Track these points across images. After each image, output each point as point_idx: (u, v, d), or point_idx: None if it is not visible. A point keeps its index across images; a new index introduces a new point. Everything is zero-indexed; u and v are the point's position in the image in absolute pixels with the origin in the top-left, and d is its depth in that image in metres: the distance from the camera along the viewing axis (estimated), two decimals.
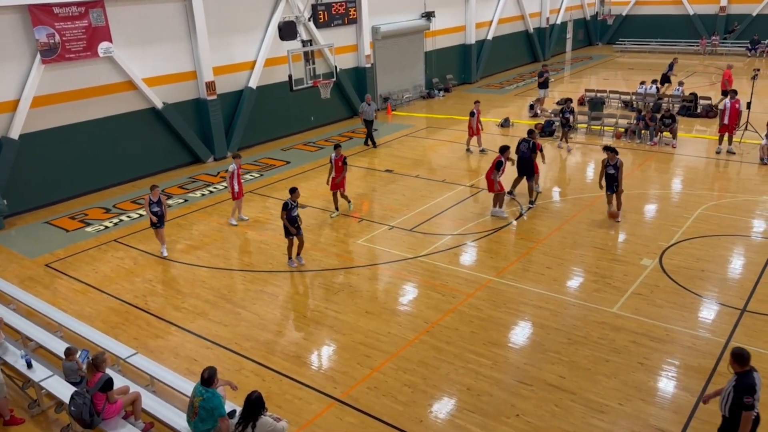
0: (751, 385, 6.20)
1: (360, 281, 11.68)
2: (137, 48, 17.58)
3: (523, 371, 8.77)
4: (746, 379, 6.25)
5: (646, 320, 9.81)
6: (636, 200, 14.87)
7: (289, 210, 11.87)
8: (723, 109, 17.89)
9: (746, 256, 11.87)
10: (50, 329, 9.95)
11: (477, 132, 19.27)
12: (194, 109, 19.48)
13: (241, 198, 14.61)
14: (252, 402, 6.62)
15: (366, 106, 20.44)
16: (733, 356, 6.35)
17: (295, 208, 11.98)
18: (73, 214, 15.95)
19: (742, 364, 6.30)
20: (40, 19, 15.19)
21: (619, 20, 41.50)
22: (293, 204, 11.94)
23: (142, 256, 13.24)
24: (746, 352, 6.32)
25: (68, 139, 16.59)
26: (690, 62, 34.52)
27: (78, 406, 7.20)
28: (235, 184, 14.23)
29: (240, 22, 20.12)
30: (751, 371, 6.30)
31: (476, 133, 19.29)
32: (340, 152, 14.50)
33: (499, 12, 32.49)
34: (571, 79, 31.90)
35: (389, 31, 25.55)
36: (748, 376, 6.26)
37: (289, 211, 11.86)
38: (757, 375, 6.30)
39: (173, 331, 10.29)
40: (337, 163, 14.41)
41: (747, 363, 6.29)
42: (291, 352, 9.57)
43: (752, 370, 6.31)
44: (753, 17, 36.75)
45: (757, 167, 16.88)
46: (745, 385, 6.21)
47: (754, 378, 6.26)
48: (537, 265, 11.83)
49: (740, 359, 6.29)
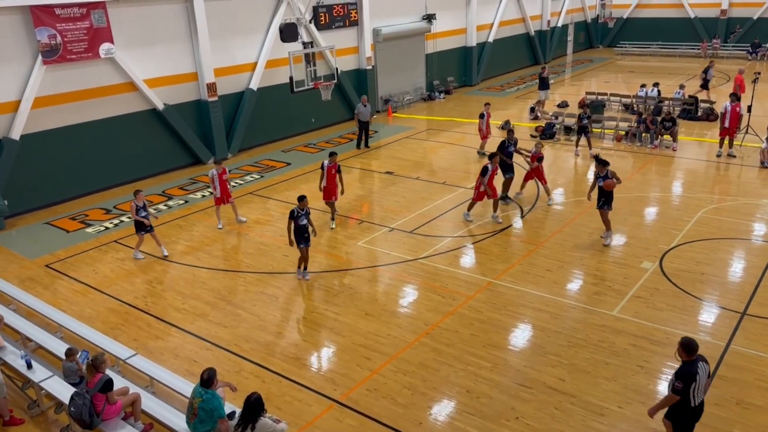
0: (690, 373, 6.42)
1: (360, 283, 11.68)
2: (138, 49, 17.60)
3: (523, 374, 8.76)
4: (689, 367, 6.48)
5: (646, 323, 9.81)
6: (636, 203, 14.87)
7: (297, 218, 11.24)
8: (724, 113, 17.89)
9: (746, 260, 11.86)
10: (50, 330, 9.95)
11: (485, 135, 18.99)
12: (195, 110, 19.49)
13: (220, 204, 14.21)
14: (251, 403, 6.61)
15: (362, 107, 20.44)
16: (682, 345, 6.55)
17: (303, 216, 11.32)
18: (73, 214, 15.96)
19: (689, 354, 6.51)
20: (42, 20, 15.22)
21: (620, 23, 41.53)
22: (300, 212, 11.30)
23: (143, 256, 13.23)
24: (694, 342, 6.52)
25: (69, 139, 16.61)
26: (691, 65, 34.53)
27: (78, 406, 7.20)
28: (217, 188, 13.95)
29: (241, 24, 20.15)
30: (696, 360, 6.50)
31: (484, 136, 19.03)
32: (334, 160, 13.84)
33: (500, 14, 32.52)
34: (571, 81, 31.92)
35: (390, 33, 25.57)
36: (692, 365, 6.47)
37: (296, 220, 11.23)
38: (703, 365, 6.50)
39: (173, 332, 10.29)
40: (329, 171, 13.79)
41: (694, 353, 6.50)
42: (291, 353, 9.56)
43: (698, 360, 6.51)
44: (754, 21, 36.78)
45: (758, 170, 16.88)
46: (685, 372, 6.46)
47: (698, 368, 6.45)
48: (537, 268, 11.83)
49: (688, 348, 6.50)
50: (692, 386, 6.40)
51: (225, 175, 14.11)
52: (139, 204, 12.70)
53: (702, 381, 6.49)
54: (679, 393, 6.45)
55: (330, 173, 13.80)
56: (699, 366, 6.46)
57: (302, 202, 11.42)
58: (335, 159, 13.89)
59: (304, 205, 11.41)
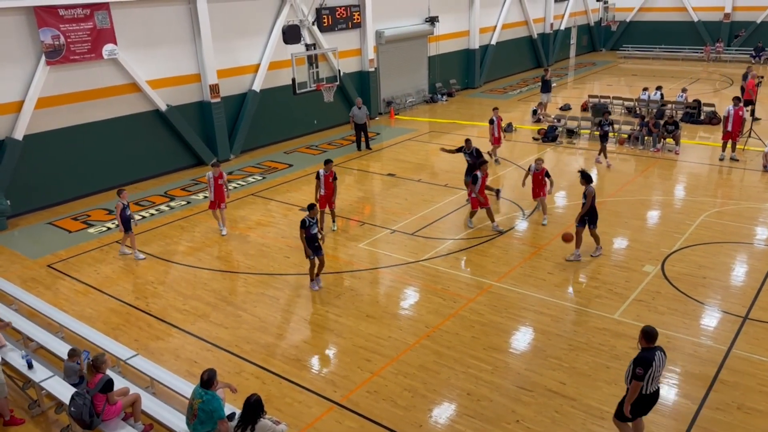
0: (647, 359, 6.63)
1: (361, 285, 11.67)
2: (142, 50, 17.64)
3: (524, 377, 8.75)
4: (647, 353, 6.69)
5: None
6: (639, 206, 14.85)
7: (308, 228, 10.94)
8: (726, 116, 17.86)
9: (749, 264, 11.83)
10: (51, 330, 9.96)
11: (497, 140, 18.54)
12: (198, 111, 19.53)
13: (215, 209, 14.00)
14: (251, 405, 6.61)
15: (356, 110, 20.41)
16: (643, 333, 6.75)
17: (314, 225, 11.07)
18: (75, 215, 15.98)
19: (648, 341, 6.72)
20: (46, 21, 15.26)
21: (623, 26, 41.52)
22: (311, 221, 11.03)
23: (144, 257, 13.24)
24: (654, 330, 6.73)
25: (72, 140, 16.65)
26: (694, 69, 34.51)
27: (78, 406, 7.20)
28: (212, 192, 13.77)
29: (244, 26, 20.19)
30: (655, 349, 6.70)
31: (496, 142, 18.56)
32: (330, 168, 13.53)
33: (503, 17, 32.53)
34: (574, 84, 31.92)
35: (393, 35, 25.60)
36: (651, 351, 6.69)
37: (308, 229, 10.93)
38: (659, 354, 6.69)
39: (174, 333, 10.29)
40: (327, 180, 13.49)
41: (653, 341, 6.71)
42: (291, 355, 9.56)
43: (657, 349, 6.71)
44: (757, 24, 36.74)
45: (760, 174, 16.84)
46: (643, 357, 6.65)
47: (654, 354, 6.66)
48: (539, 271, 11.81)
49: (648, 336, 6.72)
50: (648, 372, 6.61)
51: (221, 179, 13.83)
52: (125, 202, 12.78)
53: (657, 370, 6.69)
54: (640, 379, 6.66)
55: (327, 181, 13.51)
56: (656, 354, 6.67)
57: (312, 211, 11.10)
58: (331, 167, 13.60)
59: (315, 214, 11.13)
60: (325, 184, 13.52)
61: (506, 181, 17.23)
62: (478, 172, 13.51)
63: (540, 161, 13.98)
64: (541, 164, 13.94)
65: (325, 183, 13.51)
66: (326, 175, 13.49)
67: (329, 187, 13.57)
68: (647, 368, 6.61)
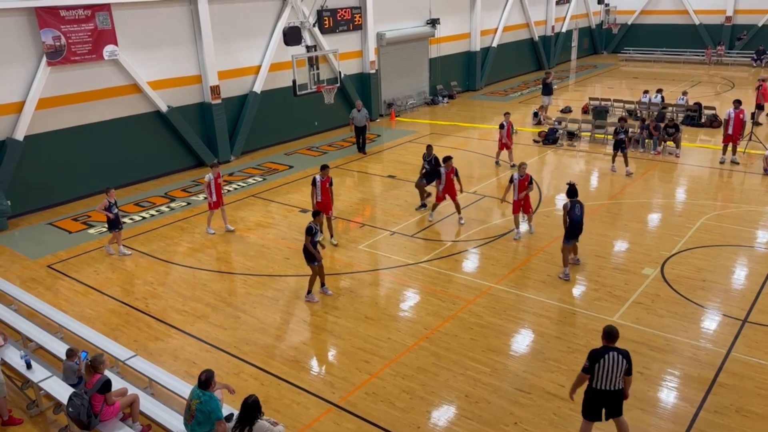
0: (596, 354, 6.79)
1: (360, 286, 11.67)
2: (143, 51, 17.67)
3: (522, 379, 8.75)
4: (598, 349, 6.85)
5: (647, 329, 9.78)
6: (639, 209, 14.85)
7: (314, 235, 10.77)
8: (727, 119, 17.86)
9: (748, 267, 11.82)
10: (51, 330, 9.96)
11: (508, 146, 18.23)
12: (199, 112, 19.55)
13: (217, 208, 14.14)
14: (249, 406, 6.62)
15: (356, 112, 20.39)
16: (604, 333, 6.93)
17: (319, 233, 10.90)
18: (76, 215, 16.00)
19: (607, 340, 6.88)
20: (47, 22, 15.30)
21: (625, 29, 41.51)
22: (317, 228, 10.84)
23: (144, 258, 13.26)
24: (614, 331, 6.88)
25: (72, 141, 16.68)
26: (695, 72, 34.51)
27: (76, 407, 7.21)
28: (212, 194, 13.91)
29: (245, 27, 20.22)
30: (609, 348, 6.81)
31: (507, 147, 18.25)
32: (327, 173, 13.10)
33: (504, 20, 32.54)
34: (575, 87, 31.92)
35: (394, 37, 25.62)
36: (603, 348, 6.84)
37: (313, 236, 10.77)
38: (614, 355, 6.75)
39: (173, 334, 10.30)
40: (323, 186, 13.08)
41: (611, 340, 6.86)
42: (290, 356, 9.56)
43: (612, 349, 6.79)
44: (759, 28, 36.72)
45: (761, 178, 16.83)
46: (594, 352, 6.83)
47: (606, 353, 6.75)
48: (538, 273, 11.81)
49: (607, 335, 6.89)
50: (596, 367, 6.78)
51: (219, 179, 13.99)
52: (111, 201, 12.92)
53: (606, 367, 6.76)
54: (586, 371, 6.87)
55: (324, 187, 13.10)
56: (609, 353, 6.76)
57: (318, 218, 10.94)
58: (327, 172, 13.15)
59: (320, 221, 10.99)
60: (321, 191, 13.10)
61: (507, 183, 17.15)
62: (442, 168, 13.94)
63: (524, 166, 13.14)
64: (525, 169, 13.08)
65: (322, 189, 13.10)
66: (323, 181, 13.07)
67: (326, 192, 13.15)
68: (593, 361, 6.79)
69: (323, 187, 13.08)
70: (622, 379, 6.85)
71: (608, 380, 6.82)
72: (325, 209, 13.03)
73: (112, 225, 13.12)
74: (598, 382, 6.86)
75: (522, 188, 13.14)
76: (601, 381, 6.84)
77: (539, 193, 16.24)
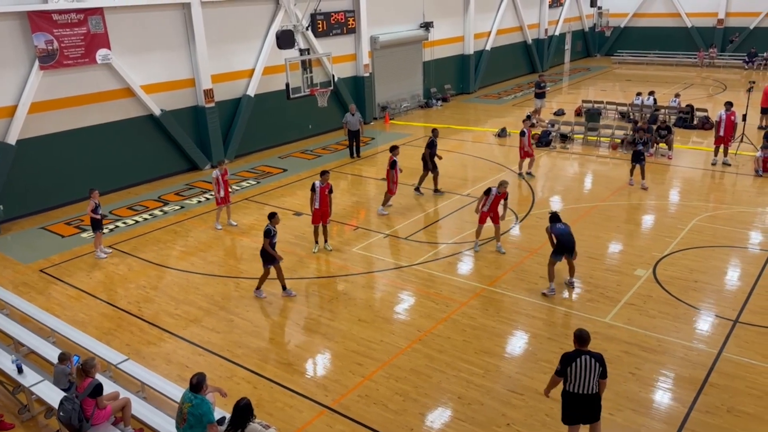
0: (568, 357, 6.81)
1: (354, 289, 11.68)
2: (136, 55, 17.66)
3: (515, 380, 8.76)
4: (570, 353, 6.87)
5: (639, 330, 9.82)
6: (631, 211, 14.91)
7: (272, 237, 10.86)
8: (719, 121, 17.95)
9: (740, 268, 11.88)
10: (43, 335, 9.93)
11: (530, 154, 17.50)
12: (192, 116, 19.54)
13: (224, 204, 14.66)
14: (240, 408, 6.60)
15: (349, 116, 20.37)
16: (575, 336, 6.94)
17: (275, 234, 11.02)
18: (68, 219, 15.96)
19: (578, 343, 6.88)
20: (39, 26, 15.27)
21: (617, 32, 41.71)
22: (275, 231, 10.94)
23: (137, 262, 13.24)
24: (585, 334, 6.88)
25: (65, 145, 16.64)
26: (688, 74, 34.69)
27: (67, 411, 7.18)
28: (220, 189, 14.41)
29: (239, 31, 20.22)
30: (581, 352, 6.81)
31: (529, 155, 17.52)
32: (327, 179, 12.78)
33: (498, 23, 32.66)
34: (569, 90, 32.04)
35: (388, 40, 25.67)
36: (575, 352, 6.84)
37: (272, 238, 10.86)
38: (586, 358, 6.75)
39: (166, 338, 10.28)
40: (323, 192, 12.76)
41: (582, 344, 6.86)
42: (283, 359, 9.55)
43: (585, 353, 6.80)
44: (750, 30, 36.96)
45: (752, 179, 16.93)
46: (565, 355, 6.86)
47: (577, 357, 6.77)
48: (530, 275, 11.84)
49: (578, 339, 6.89)
50: (567, 370, 6.80)
51: (227, 176, 14.59)
52: (97, 202, 13.10)
53: (579, 371, 6.76)
54: (558, 374, 6.91)
55: (323, 194, 12.77)
56: (581, 357, 6.77)
57: (274, 219, 11.03)
58: (327, 178, 12.83)
59: (277, 222, 11.05)
60: (320, 197, 12.78)
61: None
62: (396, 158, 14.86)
63: (504, 184, 12.52)
64: (505, 187, 12.50)
65: (321, 196, 12.77)
66: (322, 188, 12.75)
67: (324, 200, 12.81)
68: (564, 365, 6.82)
69: (322, 193, 12.77)
70: (597, 382, 6.82)
71: (582, 384, 6.80)
72: (322, 217, 12.97)
73: (96, 226, 13.28)
74: (572, 385, 6.85)
75: (495, 204, 12.56)
76: (575, 385, 6.83)
77: (532, 194, 16.30)
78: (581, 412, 7.00)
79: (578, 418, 7.05)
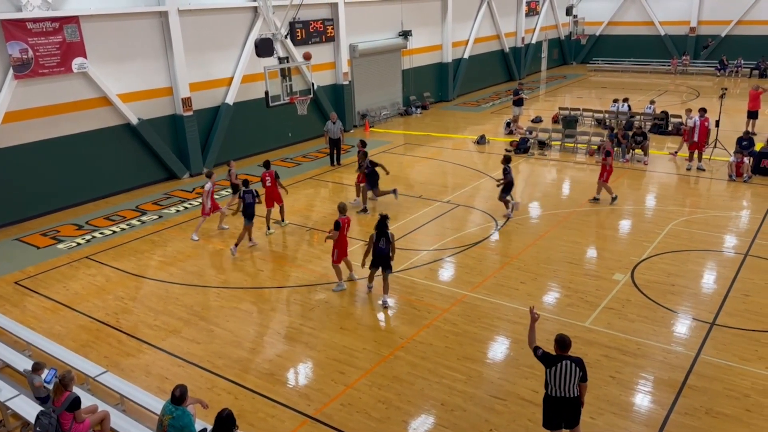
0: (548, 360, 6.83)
1: (335, 297, 11.64)
2: (112, 64, 17.48)
3: (497, 386, 8.79)
4: (551, 357, 6.88)
5: (618, 334, 9.92)
6: (608, 216, 15.10)
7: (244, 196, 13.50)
8: (693, 127, 18.28)
9: (716, 271, 12.09)
10: (18, 348, 9.74)
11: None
12: (170, 125, 19.38)
13: (210, 215, 14.78)
14: (222, 419, 6.53)
15: (330, 125, 20.37)
16: (556, 341, 6.97)
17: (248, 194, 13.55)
18: (44, 230, 15.69)
19: (559, 348, 6.93)
20: (14, 34, 15.05)
21: (593, 40, 42.33)
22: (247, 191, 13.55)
23: (115, 273, 13.06)
24: (566, 339, 6.92)
25: (41, 155, 16.37)
26: (661, 81, 35.31)
27: (44, 426, 7.04)
28: (208, 201, 14.42)
29: (217, 39, 20.14)
30: (562, 357, 6.85)
31: None
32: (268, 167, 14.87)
33: (475, 31, 32.95)
34: (546, 97, 32.41)
35: (367, 49, 25.76)
36: (556, 357, 6.90)
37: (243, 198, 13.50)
38: (567, 363, 6.79)
39: (145, 349, 10.14)
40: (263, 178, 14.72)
41: (563, 349, 6.90)
42: (265, 369, 9.48)
43: (565, 358, 6.84)
44: (722, 38, 37.76)
45: (726, 183, 17.25)
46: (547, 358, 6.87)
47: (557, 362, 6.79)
48: (511, 280, 11.92)
49: (559, 344, 6.94)
50: (547, 373, 6.89)
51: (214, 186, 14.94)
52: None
53: (560, 375, 6.81)
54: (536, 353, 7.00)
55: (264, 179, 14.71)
56: (562, 362, 6.82)
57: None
58: (269, 165, 14.96)
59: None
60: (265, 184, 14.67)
61: (480, 192, 17.34)
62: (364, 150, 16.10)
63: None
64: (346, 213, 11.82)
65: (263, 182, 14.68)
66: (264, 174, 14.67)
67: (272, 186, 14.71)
68: (544, 364, 6.88)
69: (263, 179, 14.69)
70: (578, 386, 6.88)
71: (562, 388, 6.85)
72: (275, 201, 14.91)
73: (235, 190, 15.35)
74: (552, 389, 6.91)
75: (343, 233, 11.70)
76: (555, 388, 6.88)
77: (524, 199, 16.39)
78: (562, 416, 7.04)
79: (559, 422, 7.09)
